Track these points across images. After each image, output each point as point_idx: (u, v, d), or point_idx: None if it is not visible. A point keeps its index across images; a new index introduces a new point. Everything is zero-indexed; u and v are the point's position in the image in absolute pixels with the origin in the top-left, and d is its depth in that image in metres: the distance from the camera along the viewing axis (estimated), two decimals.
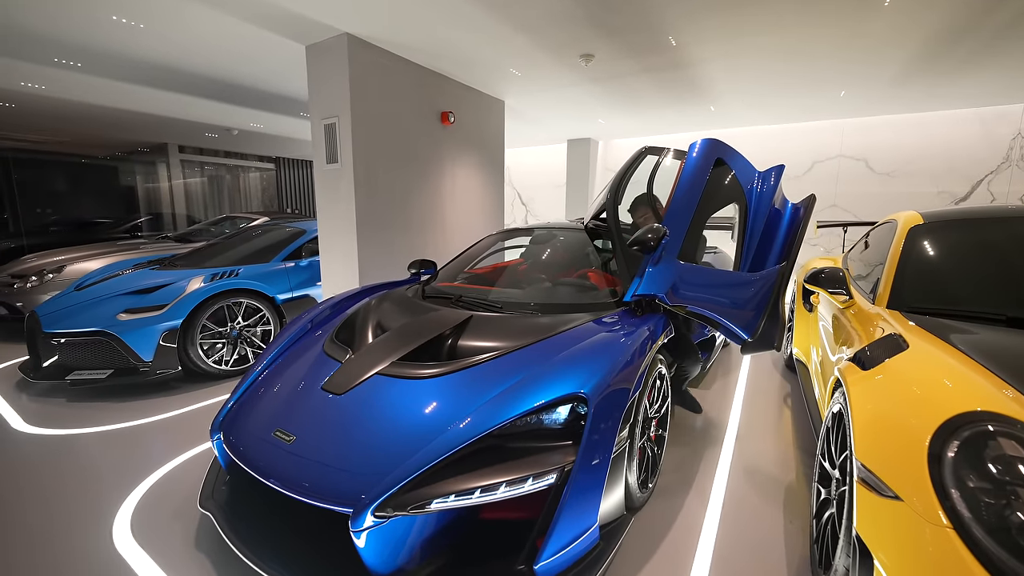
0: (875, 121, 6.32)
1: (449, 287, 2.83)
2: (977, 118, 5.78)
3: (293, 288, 4.20)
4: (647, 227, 2.16)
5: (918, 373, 1.37)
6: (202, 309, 3.51)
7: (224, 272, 3.81)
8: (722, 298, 2.38)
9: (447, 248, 4.87)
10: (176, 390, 3.39)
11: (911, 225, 2.33)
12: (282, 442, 1.61)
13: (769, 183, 2.76)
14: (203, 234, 7.00)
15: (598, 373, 1.66)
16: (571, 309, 2.32)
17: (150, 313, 3.34)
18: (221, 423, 1.86)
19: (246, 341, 3.83)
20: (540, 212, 9.97)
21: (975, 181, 5.89)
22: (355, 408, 1.69)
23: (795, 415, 3.04)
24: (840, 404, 1.63)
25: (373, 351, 1.96)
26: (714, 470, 2.37)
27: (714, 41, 3.74)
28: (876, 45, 3.83)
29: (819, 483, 1.85)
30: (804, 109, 5.96)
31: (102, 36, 3.87)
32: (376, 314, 2.38)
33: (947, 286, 2.01)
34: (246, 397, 1.95)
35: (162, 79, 5.09)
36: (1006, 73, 4.49)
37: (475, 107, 5.12)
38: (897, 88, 4.97)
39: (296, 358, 2.10)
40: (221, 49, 4.15)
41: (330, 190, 3.92)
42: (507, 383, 1.65)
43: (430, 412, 1.62)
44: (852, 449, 1.33)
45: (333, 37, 3.58)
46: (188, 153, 9.41)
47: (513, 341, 1.93)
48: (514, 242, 3.52)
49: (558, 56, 4.12)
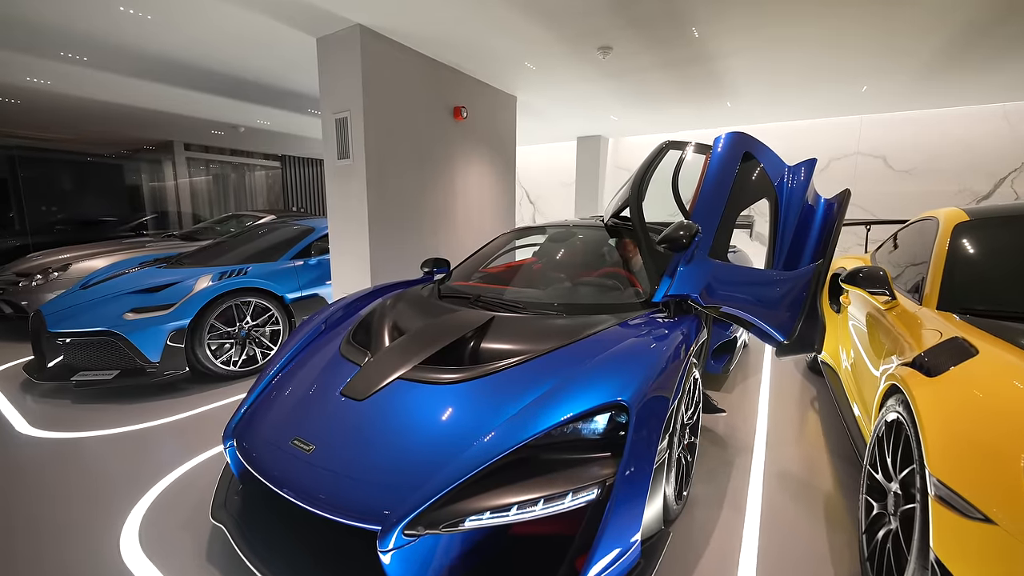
0: (894, 117, 6.17)
1: (466, 286, 2.73)
2: (1002, 113, 5.62)
3: (302, 287, 4.11)
4: (678, 224, 2.05)
5: (997, 382, 1.25)
6: (210, 308, 3.43)
7: (232, 271, 3.72)
8: (756, 298, 2.27)
9: (459, 247, 4.77)
10: (184, 392, 3.31)
11: (956, 222, 2.21)
12: (301, 451, 1.51)
13: (799, 178, 2.65)
14: (209, 232, 6.93)
15: (636, 379, 1.56)
16: (596, 310, 2.22)
17: (157, 312, 3.25)
18: (234, 429, 1.76)
19: (255, 341, 3.74)
20: (548, 211, 9.86)
21: (998, 179, 5.74)
22: (377, 415, 1.60)
23: (825, 419, 2.92)
24: (898, 413, 1.51)
25: (393, 354, 1.86)
26: (747, 478, 2.26)
27: (739, 32, 3.62)
28: (905, 35, 3.70)
29: (868, 495, 1.74)
30: (823, 105, 5.83)
31: (109, 28, 3.78)
32: (393, 315, 2.28)
33: (1002, 287, 1.89)
34: (260, 402, 1.86)
35: (169, 74, 5.00)
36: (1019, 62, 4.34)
37: (487, 103, 5.02)
38: (921, 82, 4.82)
39: (311, 361, 2.00)
40: (230, 42, 4.06)
41: (341, 187, 3.82)
42: (539, 390, 1.55)
43: (458, 420, 1.52)
44: (924, 464, 1.22)
45: (345, 29, 3.48)
46: (194, 151, 9.34)
47: (540, 344, 1.83)
48: (531, 240, 3.42)
49: (575, 48, 4.01)
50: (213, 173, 9.96)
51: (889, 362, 1.86)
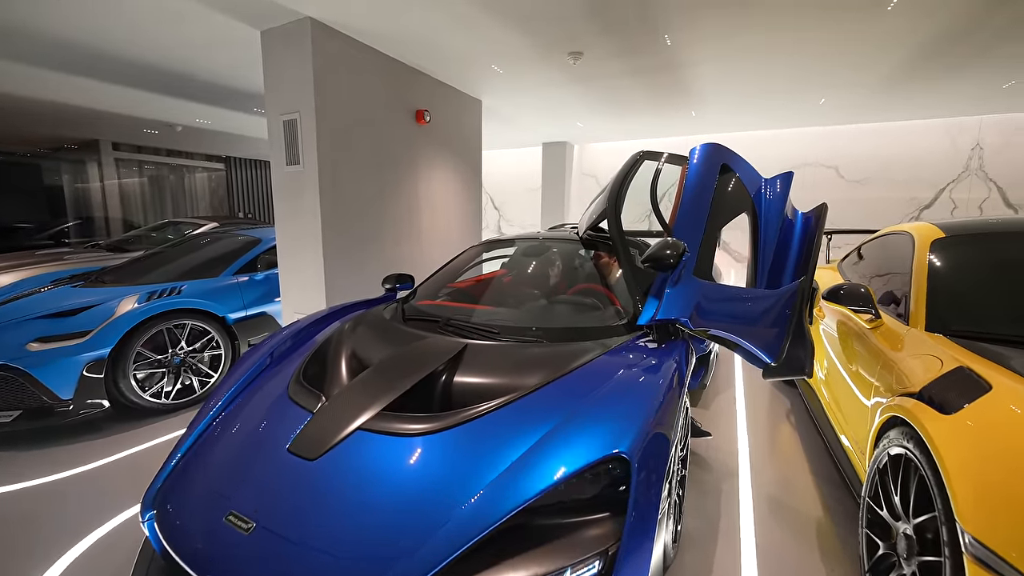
0: (846, 130, 6.49)
1: (433, 306, 2.49)
2: (944, 128, 6.01)
3: (247, 306, 3.71)
4: (663, 242, 1.91)
5: (1022, 424, 1.17)
6: (136, 334, 3.00)
7: (164, 290, 3.28)
8: (743, 318, 2.17)
9: (423, 260, 4.49)
10: (104, 432, 2.87)
11: (932, 239, 2.20)
12: (237, 531, 1.23)
13: (776, 191, 2.59)
14: (141, 241, 6.29)
15: (635, 424, 1.38)
16: (577, 334, 2.05)
17: (70, 341, 2.79)
18: (154, 498, 1.45)
19: (191, 369, 3.32)
20: (513, 217, 9.70)
21: (939, 189, 6.12)
22: (333, 478, 1.33)
23: (804, 437, 2.88)
24: (905, 449, 1.42)
25: (351, 397, 1.59)
26: (736, 508, 2.16)
27: (711, 40, 3.58)
28: (869, 49, 3.79)
29: (868, 529, 1.65)
30: (783, 116, 6.01)
31: (21, 12, 3.25)
32: (350, 343, 2.01)
33: (992, 307, 1.87)
34: (189, 460, 1.54)
35: (92, 66, 4.42)
36: (973, 84, 4.60)
37: (452, 106, 4.77)
38: (875, 96, 5.01)
39: (252, 406, 1.70)
40: (163, 32, 3.61)
41: (291, 195, 3.46)
42: (526, 443, 1.34)
43: (436, 483, 1.28)
44: (953, 516, 1.11)
45: (294, 22, 3.14)
46: (124, 151, 8.50)
47: (521, 379, 1.62)
48: (501, 253, 3.21)
49: (546, 53, 3.85)
50: (147, 175, 9.11)
51: (884, 387, 1.79)
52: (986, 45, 3.65)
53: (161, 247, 4.45)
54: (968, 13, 3.16)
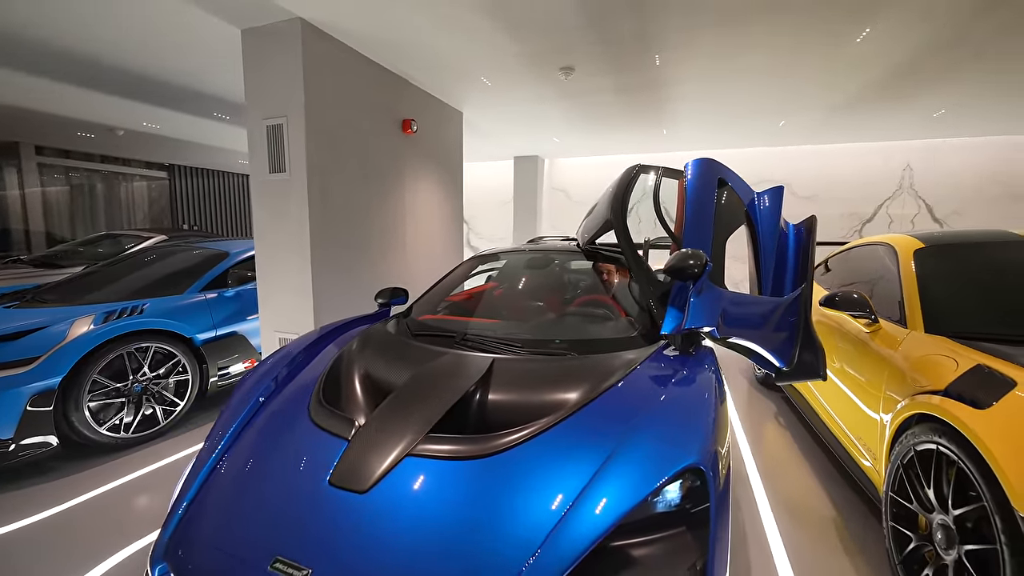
0: (798, 150, 7.17)
1: (442, 321, 2.38)
2: (877, 150, 6.77)
3: (218, 325, 3.39)
4: (683, 253, 1.94)
5: None
6: (92, 360, 2.64)
7: (124, 308, 2.92)
8: (760, 325, 2.25)
9: (408, 272, 4.32)
10: (52, 474, 2.49)
11: (914, 249, 2.39)
12: None
13: (767, 203, 2.73)
14: (73, 256, 5.64)
15: (700, 433, 1.36)
16: (602, 345, 2.02)
17: (11, 371, 2.41)
18: (168, 544, 1.24)
19: (155, 397, 2.97)
20: (483, 231, 9.64)
21: (877, 204, 6.82)
22: (389, 511, 1.20)
23: (798, 438, 3.01)
24: (937, 443, 1.51)
25: (387, 420, 1.46)
26: (757, 515, 2.20)
27: (699, 59, 3.72)
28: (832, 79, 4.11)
29: (894, 522, 1.73)
30: (746, 135, 6.45)
31: None
32: (364, 362, 1.86)
33: (985, 309, 2.04)
34: (201, 504, 1.34)
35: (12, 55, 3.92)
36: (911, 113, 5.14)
37: (435, 117, 4.68)
38: (830, 119, 5.45)
39: (266, 439, 1.51)
40: (121, 24, 3.27)
41: (274, 204, 3.21)
42: (593, 463, 1.27)
43: (503, 510, 1.19)
44: (1011, 505, 1.18)
45: (283, 21, 2.93)
46: (49, 155, 7.62)
47: (564, 394, 1.56)
48: (503, 265, 3.14)
49: (537, 66, 3.86)
50: (75, 183, 8.22)
51: (897, 386, 1.89)
52: (929, 81, 4.09)
53: (110, 261, 3.99)
54: (913, 55, 3.52)
